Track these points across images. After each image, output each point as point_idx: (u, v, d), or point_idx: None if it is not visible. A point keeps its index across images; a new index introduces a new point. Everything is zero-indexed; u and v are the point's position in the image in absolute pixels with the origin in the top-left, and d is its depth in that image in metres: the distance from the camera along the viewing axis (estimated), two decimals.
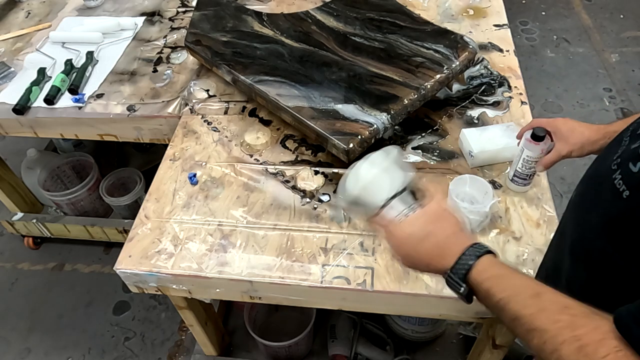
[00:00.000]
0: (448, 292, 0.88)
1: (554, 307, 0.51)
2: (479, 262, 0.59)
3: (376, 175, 0.69)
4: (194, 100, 1.30)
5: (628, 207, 0.51)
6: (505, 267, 0.59)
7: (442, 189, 0.73)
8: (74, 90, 1.36)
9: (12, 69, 1.47)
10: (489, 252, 0.60)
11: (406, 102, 1.07)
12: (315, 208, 1.04)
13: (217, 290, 0.98)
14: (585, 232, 0.60)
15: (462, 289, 0.59)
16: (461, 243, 0.61)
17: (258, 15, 1.37)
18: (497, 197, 0.99)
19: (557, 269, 0.68)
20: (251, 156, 1.15)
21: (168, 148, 1.19)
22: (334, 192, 1.06)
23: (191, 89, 1.33)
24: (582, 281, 0.61)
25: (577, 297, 0.59)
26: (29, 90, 1.35)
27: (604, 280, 0.58)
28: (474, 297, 0.60)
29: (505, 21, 1.48)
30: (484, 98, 1.24)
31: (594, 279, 0.60)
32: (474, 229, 0.96)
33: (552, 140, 0.93)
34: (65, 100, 1.36)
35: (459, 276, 0.60)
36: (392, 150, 0.71)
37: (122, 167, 1.83)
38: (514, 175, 1.01)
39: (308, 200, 1.05)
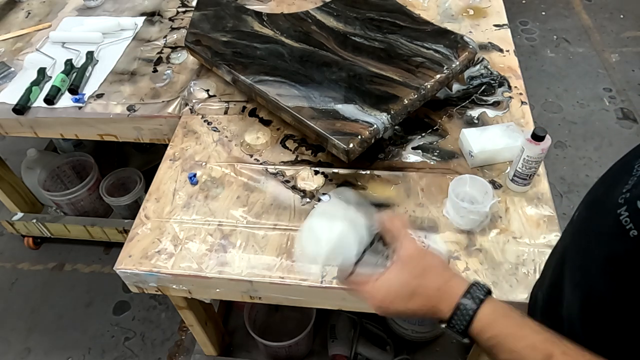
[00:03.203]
0: None
1: None
2: (480, 314, 0.55)
3: (339, 233, 0.60)
4: (194, 100, 1.30)
5: (635, 247, 0.48)
6: (510, 317, 0.56)
7: (403, 222, 0.64)
8: (74, 90, 1.36)
9: (12, 69, 1.47)
10: (488, 291, 0.57)
11: (406, 102, 1.07)
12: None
13: (217, 290, 0.98)
14: (586, 263, 0.57)
15: (463, 340, 0.57)
16: (453, 294, 0.57)
17: (258, 15, 1.37)
18: (497, 197, 0.99)
19: (556, 292, 0.65)
20: (251, 156, 1.15)
21: (168, 148, 1.19)
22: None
23: (191, 89, 1.33)
24: (578, 310, 0.59)
25: (575, 324, 0.58)
26: (29, 90, 1.35)
27: (598, 313, 0.56)
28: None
29: (505, 21, 1.48)
30: (484, 98, 1.24)
31: (588, 310, 0.58)
32: (474, 229, 0.97)
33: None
34: (65, 100, 1.36)
35: (457, 330, 0.56)
36: (346, 192, 0.64)
37: (122, 167, 1.83)
38: (514, 175, 1.01)
39: (308, 200, 1.05)
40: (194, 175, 1.11)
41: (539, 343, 0.52)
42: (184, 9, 1.66)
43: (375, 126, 1.02)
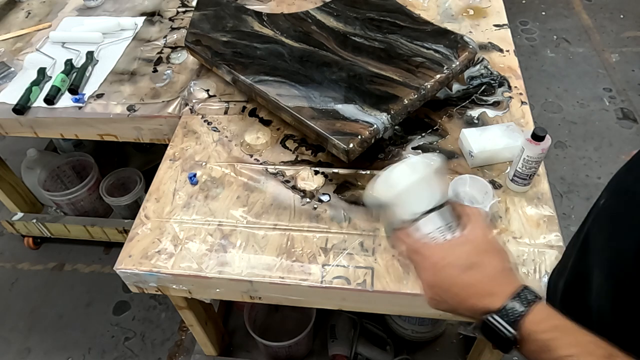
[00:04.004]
0: None
1: None
2: (536, 309, 0.52)
3: (416, 182, 0.60)
4: (194, 100, 1.30)
5: None
6: (565, 318, 0.52)
7: (480, 213, 0.62)
8: (74, 90, 1.36)
9: (12, 69, 1.47)
10: (540, 298, 0.54)
11: (406, 102, 1.07)
12: (315, 208, 1.04)
13: (217, 290, 0.98)
14: (617, 253, 0.55)
15: (510, 334, 0.51)
16: (512, 283, 0.54)
17: (258, 15, 1.37)
18: (497, 197, 0.99)
19: (580, 281, 0.63)
20: (251, 156, 1.15)
21: (168, 148, 1.19)
22: (334, 191, 1.06)
23: (191, 89, 1.33)
24: (610, 300, 0.57)
25: (605, 315, 0.56)
26: (29, 90, 1.35)
27: (631, 304, 0.54)
28: (515, 347, 0.53)
29: (505, 21, 1.48)
30: (484, 98, 1.24)
31: (620, 300, 0.56)
32: None
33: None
34: (65, 100, 1.36)
35: (509, 320, 0.52)
36: (436, 158, 0.63)
37: (122, 167, 1.83)
38: (514, 175, 1.01)
39: (308, 200, 1.05)
40: (194, 175, 1.11)
41: (600, 341, 0.49)
42: (184, 9, 1.66)
43: (375, 126, 1.02)
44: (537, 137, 0.93)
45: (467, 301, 0.55)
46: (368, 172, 1.09)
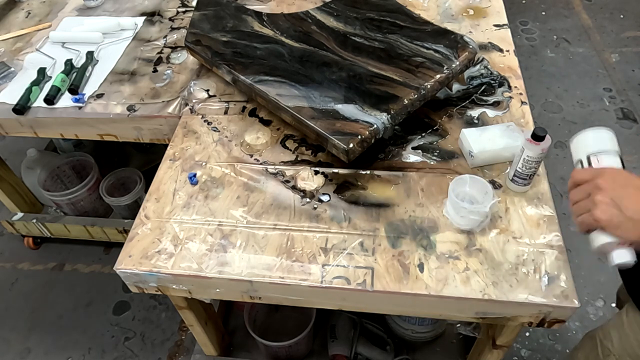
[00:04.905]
0: (448, 291, 0.88)
1: None
2: None
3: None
4: (194, 100, 1.30)
5: None
6: None
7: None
8: (74, 90, 1.36)
9: (12, 69, 1.47)
10: None
11: (406, 102, 1.07)
12: (315, 208, 1.04)
13: (217, 290, 0.98)
14: None
15: None
16: None
17: (258, 15, 1.37)
18: (497, 197, 0.99)
19: None
20: (251, 156, 1.15)
21: (168, 148, 1.19)
22: (334, 191, 1.06)
23: (191, 89, 1.33)
24: None
25: None
26: (29, 90, 1.36)
27: None
28: None
29: (505, 21, 1.48)
30: (484, 98, 1.24)
31: None
32: (474, 229, 0.97)
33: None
34: (65, 100, 1.36)
35: None
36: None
37: (122, 167, 1.83)
38: (514, 175, 1.01)
39: (308, 200, 1.05)
40: (194, 175, 1.11)
41: None
42: (184, 9, 1.66)
43: (375, 126, 1.02)
44: (537, 137, 0.93)
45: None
46: (368, 172, 1.09)
